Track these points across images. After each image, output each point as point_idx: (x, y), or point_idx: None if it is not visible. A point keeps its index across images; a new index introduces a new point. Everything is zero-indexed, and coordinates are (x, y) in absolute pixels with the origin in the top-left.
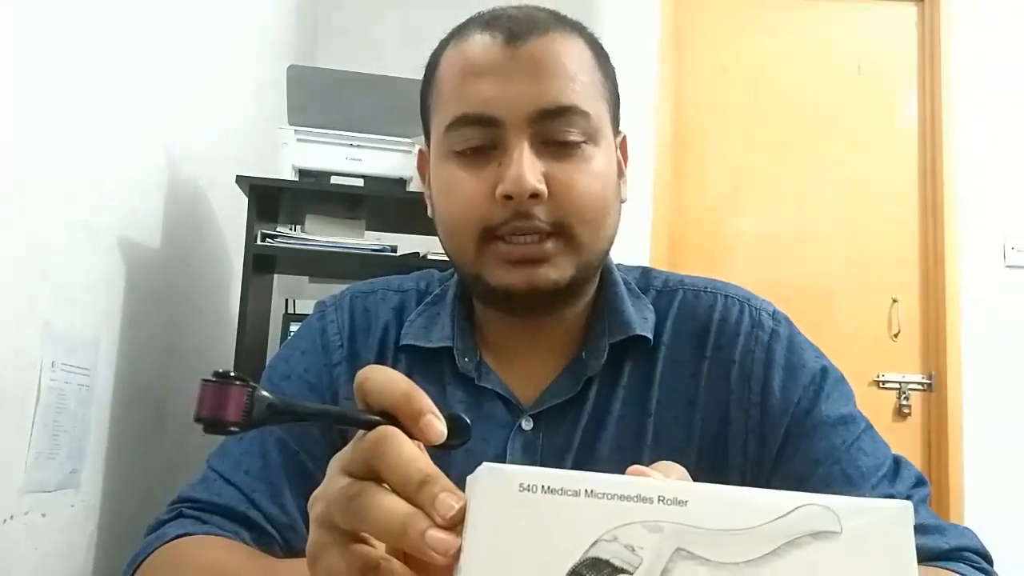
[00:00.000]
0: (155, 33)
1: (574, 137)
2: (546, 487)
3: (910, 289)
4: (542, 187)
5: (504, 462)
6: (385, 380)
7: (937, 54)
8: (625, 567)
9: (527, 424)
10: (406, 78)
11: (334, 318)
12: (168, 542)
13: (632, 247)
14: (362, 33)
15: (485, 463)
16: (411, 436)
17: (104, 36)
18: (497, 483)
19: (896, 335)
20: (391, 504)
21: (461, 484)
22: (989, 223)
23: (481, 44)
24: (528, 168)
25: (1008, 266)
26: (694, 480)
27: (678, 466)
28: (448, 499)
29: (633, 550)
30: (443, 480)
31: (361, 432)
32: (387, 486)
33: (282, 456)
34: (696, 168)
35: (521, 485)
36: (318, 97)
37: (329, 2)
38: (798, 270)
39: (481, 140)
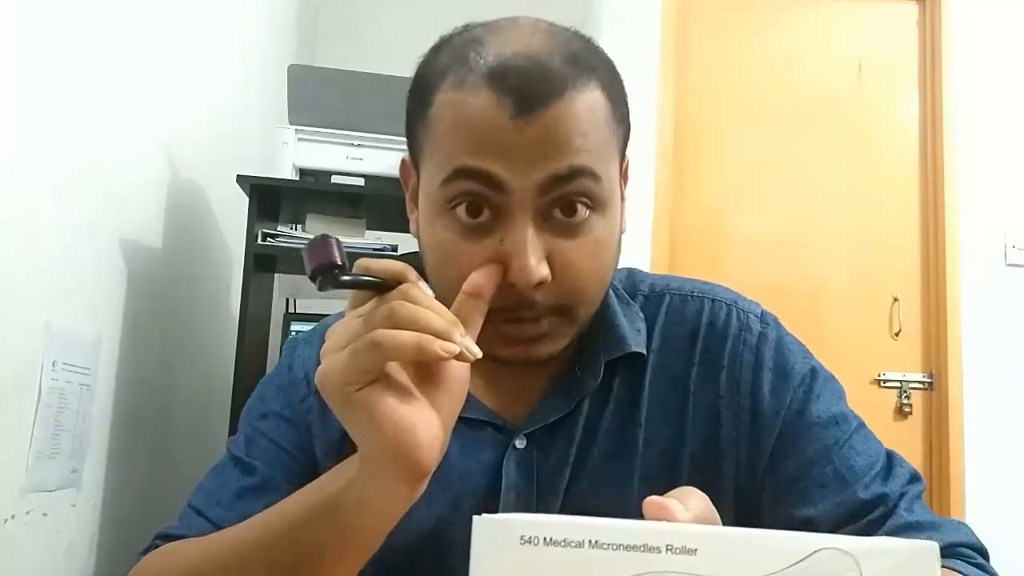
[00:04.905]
0: (155, 32)
1: (581, 203)
2: (548, 539)
3: (911, 288)
4: (547, 274)
5: (500, 482)
6: (387, 261)
7: (937, 54)
8: None
9: (520, 443)
10: (407, 77)
11: (302, 353)
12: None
13: (632, 247)
14: (362, 32)
15: (485, 515)
16: None
17: (104, 36)
18: (497, 535)
19: (897, 334)
20: (432, 313)
21: (456, 507)
22: (990, 222)
23: (487, 112)
24: (533, 255)
25: (1009, 265)
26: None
27: (696, 492)
28: (472, 346)
29: None
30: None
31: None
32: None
33: (257, 490)
34: (697, 168)
35: (522, 538)
36: (319, 96)
37: (329, 2)
38: (799, 269)
39: (482, 201)
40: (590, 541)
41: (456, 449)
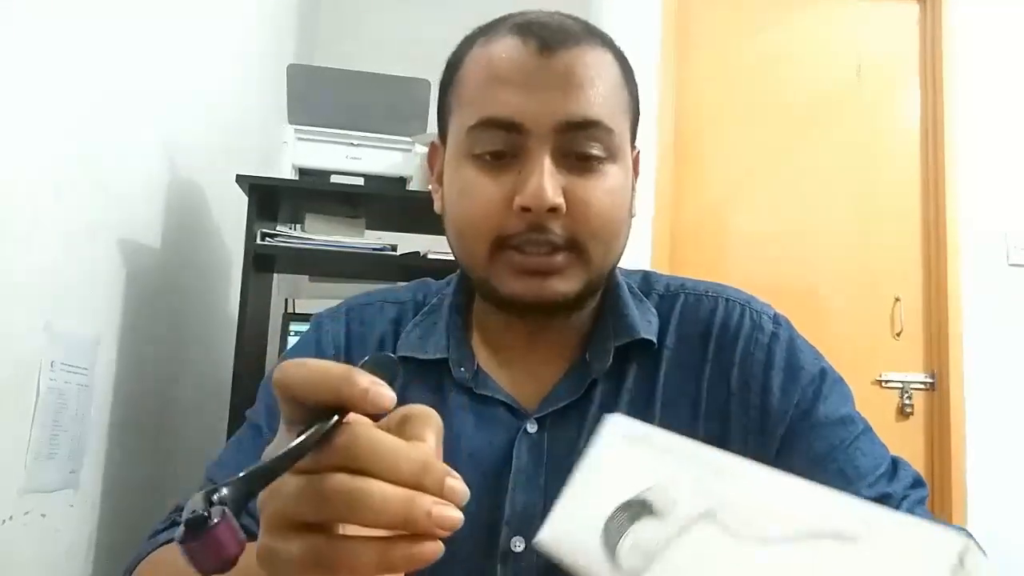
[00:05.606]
0: (155, 32)
1: (596, 152)
2: (646, 440)
3: (912, 288)
4: (560, 201)
5: (511, 465)
6: (316, 372)
7: (937, 54)
8: (657, 512)
9: (532, 427)
10: (406, 77)
11: (329, 328)
12: (156, 549)
13: (633, 246)
14: (362, 32)
15: (614, 414)
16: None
17: (104, 36)
18: (611, 430)
19: (898, 334)
20: (383, 487)
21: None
22: (991, 222)
23: (512, 49)
24: (548, 182)
25: (1011, 264)
26: None
27: None
28: (457, 484)
29: (675, 503)
30: (438, 464)
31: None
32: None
33: None
34: (697, 167)
35: (625, 436)
36: (318, 96)
37: (329, 2)
38: (799, 270)
39: (503, 145)
40: (666, 448)
41: (471, 427)
